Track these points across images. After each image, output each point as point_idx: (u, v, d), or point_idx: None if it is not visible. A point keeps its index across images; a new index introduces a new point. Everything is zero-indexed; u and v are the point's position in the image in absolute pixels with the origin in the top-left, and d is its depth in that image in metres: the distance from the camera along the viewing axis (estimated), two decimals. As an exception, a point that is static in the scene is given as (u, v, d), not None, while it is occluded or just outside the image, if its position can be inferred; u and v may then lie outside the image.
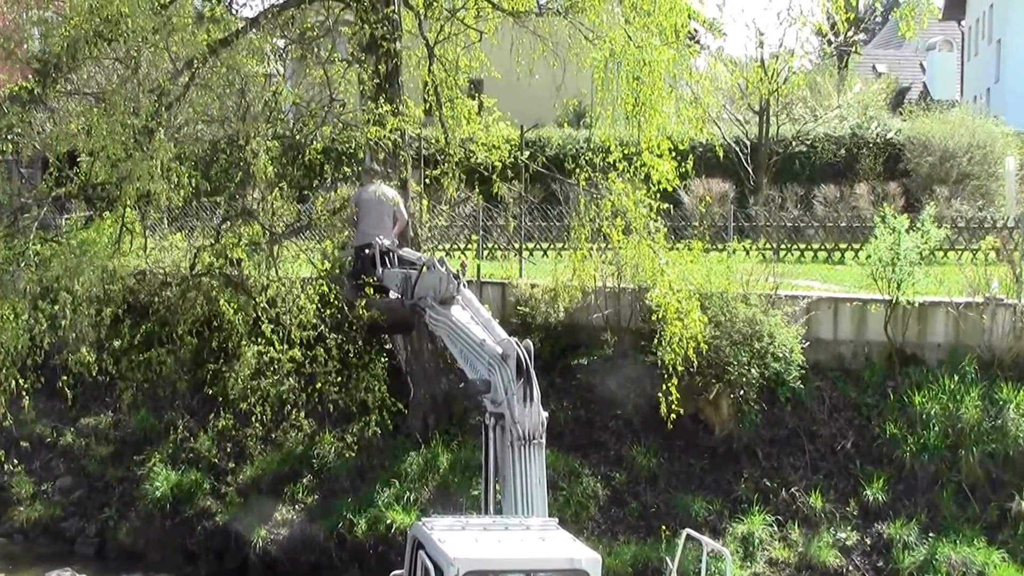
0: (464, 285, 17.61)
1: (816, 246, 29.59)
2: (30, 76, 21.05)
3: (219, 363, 21.32)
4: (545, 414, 14.66)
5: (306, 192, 23.74)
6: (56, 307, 19.24)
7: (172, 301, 22.01)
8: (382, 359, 21.45)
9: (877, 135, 35.79)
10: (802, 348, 21.53)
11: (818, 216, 31.47)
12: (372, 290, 20.38)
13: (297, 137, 21.41)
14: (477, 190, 25.20)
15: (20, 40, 21.14)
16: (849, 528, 20.39)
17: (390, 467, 21.64)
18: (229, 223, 21.60)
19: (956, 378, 21.30)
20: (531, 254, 27.51)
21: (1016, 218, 28.65)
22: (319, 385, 20.51)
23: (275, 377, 20.13)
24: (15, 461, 22.47)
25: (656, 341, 20.39)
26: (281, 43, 22.53)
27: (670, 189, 20.73)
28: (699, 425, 21.64)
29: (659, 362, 20.25)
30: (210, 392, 21.91)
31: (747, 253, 23.45)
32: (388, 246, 20.55)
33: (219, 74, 19.62)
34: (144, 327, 22.50)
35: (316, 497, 21.77)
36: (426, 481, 21.24)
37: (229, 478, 22.37)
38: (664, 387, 19.88)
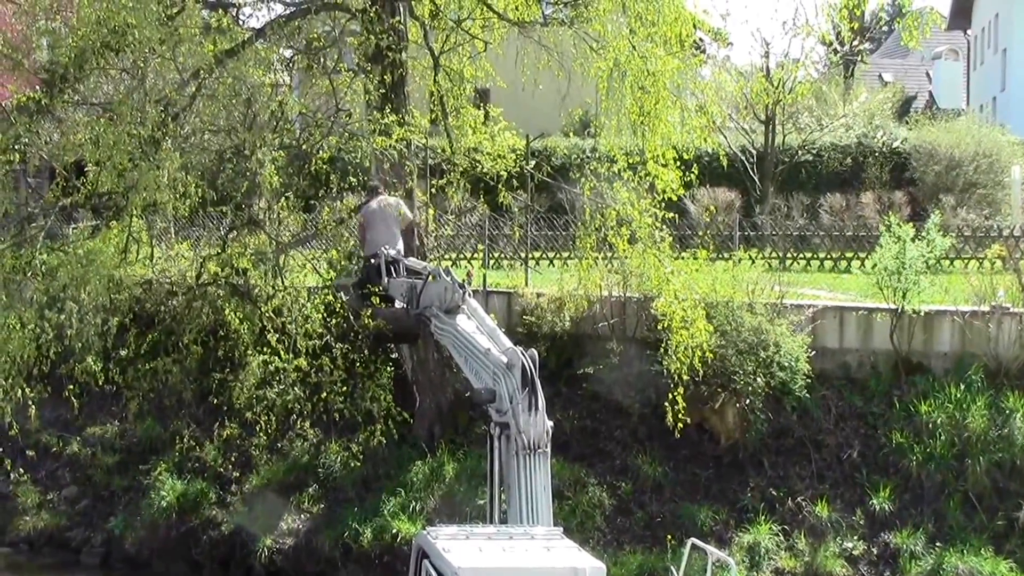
0: (469, 294, 17.63)
1: (822, 255, 29.58)
2: (38, 86, 21.12)
3: (225, 372, 21.34)
4: (550, 423, 14.66)
5: (312, 202, 23.77)
6: (63, 316, 19.30)
7: (178, 310, 22.04)
8: (388, 368, 21.46)
9: (883, 144, 35.82)
10: (808, 357, 21.51)
11: (824, 225, 31.49)
12: (378, 299, 20.39)
13: (303, 147, 21.46)
14: (483, 199, 25.22)
15: (28, 51, 21.20)
16: (856, 537, 20.36)
17: (396, 476, 21.65)
18: (235, 233, 21.65)
19: (962, 387, 21.28)
20: (537, 263, 27.53)
21: (1022, 227, 28.63)
22: (325, 394, 20.51)
23: (281, 386, 20.14)
24: (21, 470, 22.49)
25: (662, 350, 20.40)
26: (288, 53, 22.60)
27: (675, 198, 20.73)
28: (705, 434, 21.63)
29: (665, 371, 20.26)
30: (216, 401, 21.91)
31: (753, 262, 23.47)
32: (394, 256, 20.57)
33: (226, 84, 19.64)
34: (150, 336, 22.53)
35: (322, 506, 21.78)
36: (432, 490, 21.24)
37: (235, 487, 22.39)
38: (670, 396, 19.90)
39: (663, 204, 20.59)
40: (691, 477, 21.46)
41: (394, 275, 20.38)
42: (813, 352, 21.75)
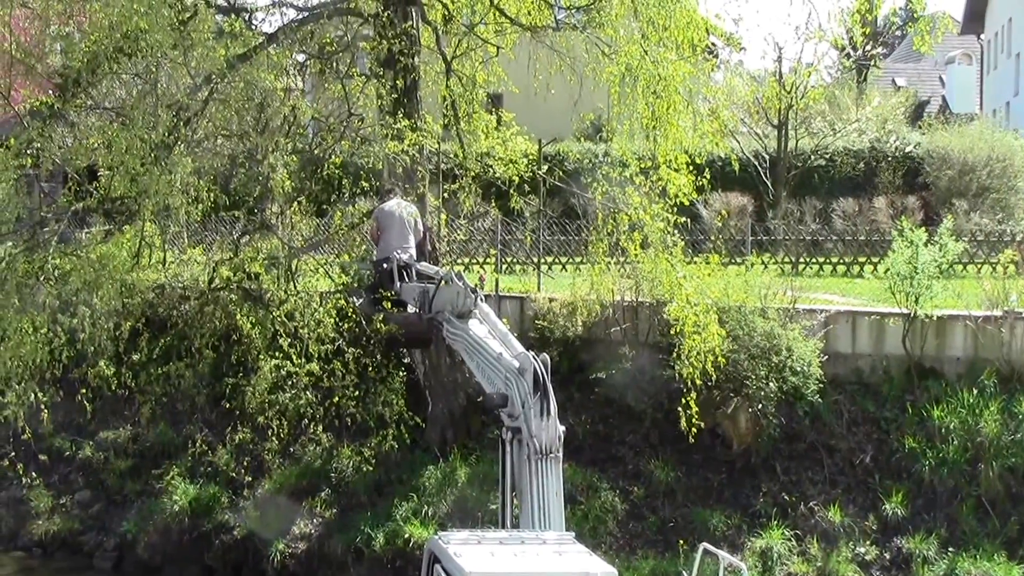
0: (482, 299, 17.61)
1: (835, 260, 29.56)
2: (51, 91, 21.18)
3: (237, 377, 21.37)
4: (562, 428, 14.63)
5: (324, 206, 23.82)
6: (75, 321, 19.33)
7: (191, 315, 22.09)
8: (400, 373, 21.45)
9: (896, 148, 35.79)
10: (820, 362, 21.48)
11: (837, 230, 31.46)
12: (390, 304, 20.40)
13: (316, 152, 21.51)
14: (495, 204, 25.22)
15: (41, 55, 21.26)
16: (868, 543, 20.31)
17: (408, 481, 21.64)
18: (248, 237, 21.69)
19: (975, 392, 21.22)
20: (549, 268, 27.52)
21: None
22: (337, 399, 20.52)
23: (293, 391, 20.16)
24: (34, 474, 22.52)
25: (674, 355, 20.39)
26: (300, 58, 22.64)
27: (687, 203, 20.73)
28: (717, 439, 21.59)
29: (677, 376, 20.25)
30: (228, 406, 21.95)
31: (765, 267, 23.43)
32: (406, 260, 20.58)
33: (238, 89, 19.68)
34: (163, 341, 22.60)
35: (334, 511, 21.77)
36: (444, 495, 21.21)
37: (247, 492, 22.41)
38: (683, 401, 19.88)
39: (675, 209, 20.59)
40: (703, 482, 21.43)
41: (406, 280, 20.39)
42: (825, 357, 21.72)
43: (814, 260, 29.58)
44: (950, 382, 21.75)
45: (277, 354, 20.07)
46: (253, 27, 21.71)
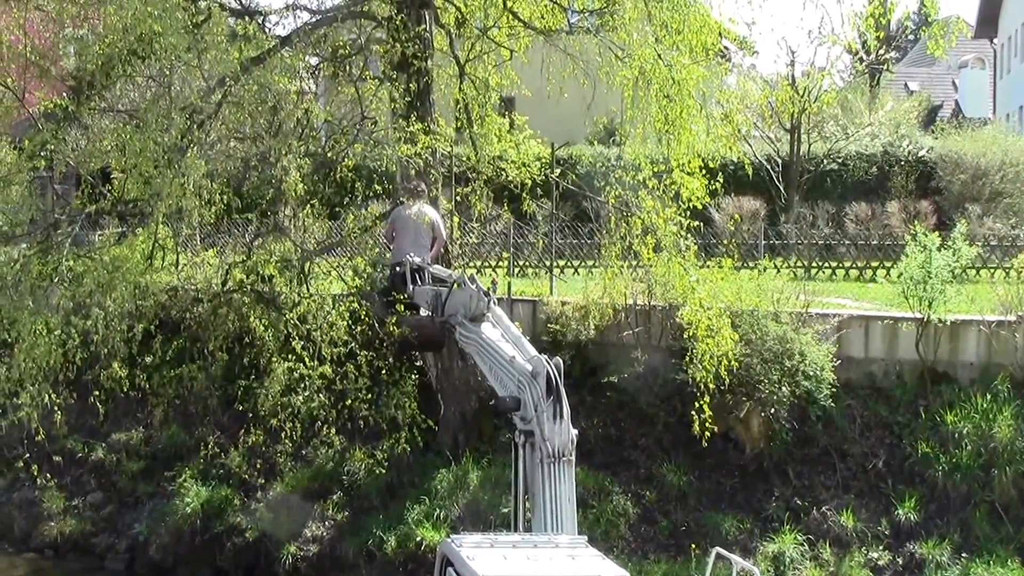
0: (494, 302, 17.58)
1: (847, 264, 29.52)
2: (65, 93, 21.23)
3: (250, 379, 21.39)
4: (575, 432, 14.62)
5: (337, 209, 23.83)
6: (88, 323, 19.35)
7: (204, 317, 22.10)
8: (412, 376, 21.44)
9: (909, 153, 35.74)
10: (833, 366, 21.44)
11: (849, 234, 31.43)
12: (403, 307, 20.41)
13: (329, 154, 21.51)
14: (507, 207, 25.22)
15: (56, 58, 21.32)
16: (881, 548, 20.26)
17: (420, 484, 21.64)
18: (261, 240, 21.71)
19: (988, 397, 21.14)
20: (562, 272, 27.51)
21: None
22: (349, 402, 20.53)
23: (305, 393, 20.16)
24: (47, 476, 22.56)
25: (687, 359, 20.37)
26: (313, 61, 22.65)
27: (700, 207, 20.71)
28: (730, 443, 21.57)
29: (690, 380, 20.23)
30: (241, 408, 21.98)
31: (778, 271, 23.39)
32: (419, 263, 20.58)
33: (251, 92, 19.68)
34: (176, 343, 22.62)
35: (346, 514, 21.78)
36: (456, 498, 21.19)
37: (259, 494, 22.41)
38: (696, 405, 19.86)
39: (688, 213, 20.57)
40: (716, 486, 21.41)
41: (419, 283, 20.39)
42: (838, 361, 21.67)
43: (827, 264, 29.56)
44: (963, 387, 21.67)
45: (290, 356, 20.09)
46: (267, 30, 21.73)
